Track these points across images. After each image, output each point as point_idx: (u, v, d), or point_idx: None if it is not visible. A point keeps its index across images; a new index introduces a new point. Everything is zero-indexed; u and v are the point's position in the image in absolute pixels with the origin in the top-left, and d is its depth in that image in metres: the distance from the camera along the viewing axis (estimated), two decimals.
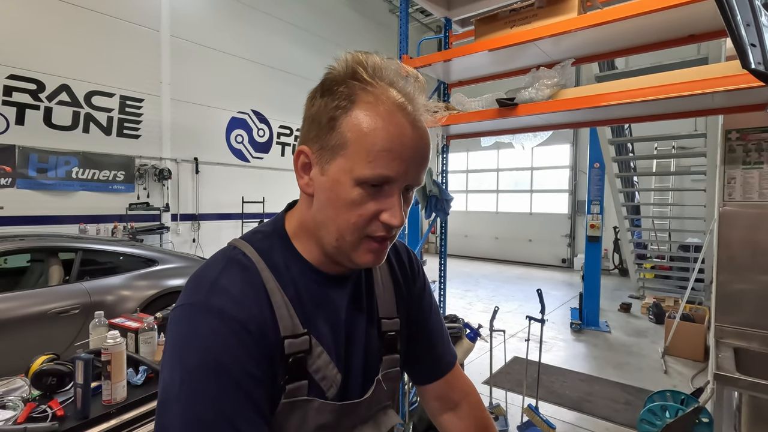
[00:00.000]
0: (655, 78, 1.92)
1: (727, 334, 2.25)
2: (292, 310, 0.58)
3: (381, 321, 0.69)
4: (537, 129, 2.77)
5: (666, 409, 2.24)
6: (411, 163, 0.55)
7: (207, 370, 0.49)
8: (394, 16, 11.73)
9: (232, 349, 0.51)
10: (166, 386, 0.51)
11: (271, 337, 0.55)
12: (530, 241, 11.15)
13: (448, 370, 0.80)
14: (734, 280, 2.30)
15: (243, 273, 0.57)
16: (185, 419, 0.48)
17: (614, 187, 5.87)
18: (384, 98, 0.55)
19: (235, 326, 0.52)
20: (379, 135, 0.53)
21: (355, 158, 0.53)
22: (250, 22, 8.15)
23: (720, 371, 1.83)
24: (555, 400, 3.33)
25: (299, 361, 0.57)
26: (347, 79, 0.57)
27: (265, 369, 0.54)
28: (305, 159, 0.59)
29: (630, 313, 6.09)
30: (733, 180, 2.26)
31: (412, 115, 0.55)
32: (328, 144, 0.55)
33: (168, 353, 0.52)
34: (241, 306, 0.53)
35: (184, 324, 0.52)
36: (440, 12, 2.99)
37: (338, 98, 0.55)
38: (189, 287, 0.56)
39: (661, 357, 4.24)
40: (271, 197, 8.45)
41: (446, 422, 0.80)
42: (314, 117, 0.58)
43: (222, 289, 0.54)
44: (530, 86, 2.32)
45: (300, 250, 0.62)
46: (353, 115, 0.54)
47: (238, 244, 0.61)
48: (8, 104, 5.42)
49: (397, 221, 0.55)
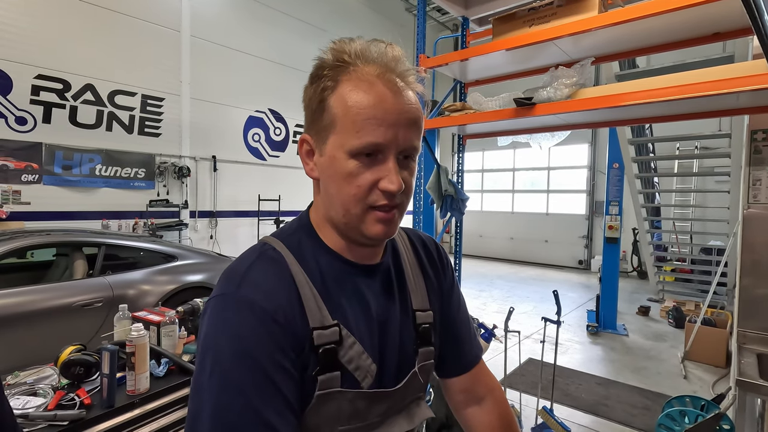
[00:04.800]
0: (677, 77, 1.89)
1: (751, 340, 2.20)
2: (321, 302, 0.59)
3: (416, 313, 0.70)
4: (555, 129, 2.74)
5: (685, 415, 2.20)
6: (398, 127, 0.56)
7: (236, 360, 0.51)
8: (411, 15, 11.71)
9: (261, 339, 0.53)
10: (198, 374, 0.53)
11: (299, 328, 0.56)
12: (546, 242, 11.01)
13: (475, 364, 0.81)
14: (758, 285, 2.24)
15: (273, 267, 0.59)
16: (214, 407, 0.50)
17: (633, 188, 5.76)
18: (364, 73, 0.57)
19: (265, 317, 0.54)
20: (361, 105, 0.55)
21: (345, 132, 0.56)
22: (268, 22, 8.24)
23: (742, 377, 1.79)
24: (570, 402, 3.30)
25: (330, 351, 0.58)
26: (332, 61, 0.58)
27: (294, 360, 0.55)
28: (308, 146, 0.62)
29: (649, 316, 5.97)
30: (759, 182, 2.20)
31: (392, 82, 0.57)
32: (322, 125, 0.58)
33: (201, 342, 0.55)
34: (271, 298, 0.55)
35: (216, 314, 0.55)
36: (458, 11, 2.98)
37: (324, 81, 0.58)
38: (222, 280, 0.59)
39: (681, 362, 4.15)
40: (287, 195, 8.54)
41: (470, 416, 0.81)
42: (308, 104, 0.61)
43: (252, 282, 0.56)
44: (549, 85, 2.30)
45: (325, 241, 0.64)
46: (338, 93, 0.57)
47: (269, 240, 0.64)
48: (36, 103, 5.60)
49: (395, 186, 0.56)
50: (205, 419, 0.50)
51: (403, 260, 0.73)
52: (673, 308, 5.59)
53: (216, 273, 4.14)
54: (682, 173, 7.41)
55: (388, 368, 0.65)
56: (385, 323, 0.66)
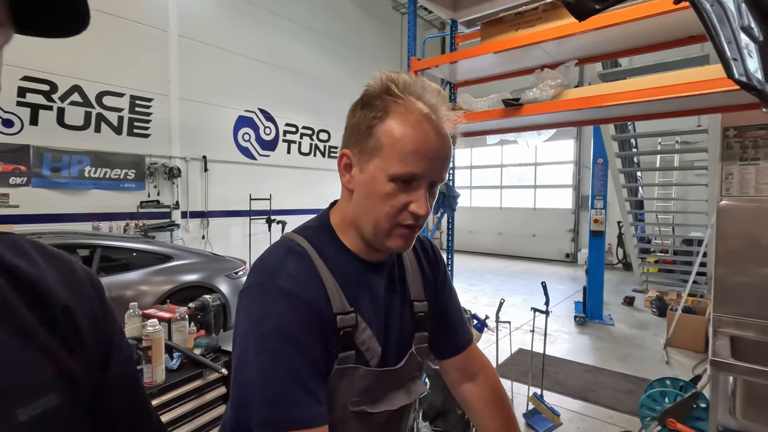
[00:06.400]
0: (656, 79, 2.01)
1: (725, 324, 2.35)
2: (341, 291, 0.69)
3: (413, 303, 0.81)
4: (541, 127, 2.86)
5: (665, 395, 2.34)
6: (435, 162, 0.67)
7: (279, 337, 0.61)
8: (398, 13, 11.79)
9: (298, 321, 0.63)
10: (243, 349, 0.62)
11: (326, 313, 0.66)
12: (534, 237, 11.23)
13: (467, 345, 0.92)
14: (732, 273, 2.39)
15: (301, 261, 0.68)
16: (263, 377, 0.60)
17: (617, 183, 5.95)
18: (413, 109, 0.66)
19: (300, 304, 0.63)
20: (408, 140, 0.65)
21: (389, 159, 0.65)
22: (256, 22, 8.23)
23: (716, 357, 1.93)
24: (559, 389, 3.44)
25: (348, 334, 0.68)
26: (382, 94, 0.68)
27: (322, 339, 0.65)
28: (347, 160, 0.71)
29: (633, 306, 6.18)
30: (731, 176, 2.34)
31: (435, 123, 0.67)
32: (367, 147, 0.67)
33: (243, 324, 0.64)
34: (303, 287, 0.65)
35: (258, 302, 0.64)
36: (447, 14, 3.08)
37: (375, 110, 0.67)
38: (255, 271, 0.68)
39: (663, 348, 4.34)
40: (278, 194, 8.57)
41: (466, 391, 0.92)
42: (355, 125, 0.69)
43: (287, 274, 0.65)
44: (535, 86, 2.41)
45: (344, 241, 0.74)
46: (387, 124, 0.66)
47: (294, 237, 0.73)
48: (22, 105, 5.55)
49: (423, 211, 0.67)
50: (255, 388, 0.60)
51: (404, 258, 0.84)
52: (656, 298, 5.81)
53: (211, 272, 4.20)
54: (663, 167, 7.64)
55: (390, 350, 0.75)
56: (388, 312, 0.76)
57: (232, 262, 4.58)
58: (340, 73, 10.06)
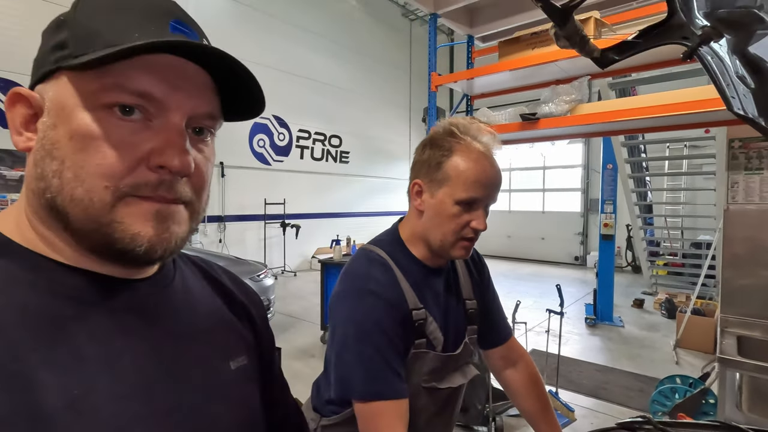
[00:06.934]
0: (665, 96, 2.17)
1: (732, 324, 2.49)
2: (413, 292, 0.87)
3: (465, 301, 0.99)
4: (555, 138, 3.02)
5: (675, 392, 2.48)
6: (491, 188, 0.85)
7: (372, 329, 0.79)
8: (407, 20, 11.99)
9: (385, 316, 0.81)
10: (343, 339, 0.81)
11: (404, 309, 0.84)
12: (543, 239, 11.34)
13: (509, 337, 1.09)
14: (738, 276, 2.53)
15: (383, 268, 0.86)
16: (361, 357, 0.78)
17: (626, 187, 6.07)
18: (472, 148, 0.85)
19: (386, 302, 0.82)
20: (471, 172, 0.83)
21: (455, 187, 0.83)
22: (270, 31, 8.47)
23: (723, 355, 2.08)
24: (573, 388, 3.58)
25: (420, 325, 0.86)
26: (446, 136, 0.87)
27: (402, 330, 0.83)
28: (419, 188, 0.89)
29: (643, 308, 6.28)
30: (736, 184, 2.49)
31: (491, 159, 0.86)
32: (436, 178, 0.85)
33: (341, 319, 0.83)
34: (387, 289, 0.83)
35: (352, 301, 0.83)
36: (464, 30, 3.25)
37: (442, 149, 0.86)
38: (347, 278, 0.87)
39: (673, 349, 4.46)
40: (292, 199, 8.78)
41: (508, 375, 1.09)
42: (425, 161, 0.88)
43: (374, 279, 0.84)
44: (550, 101, 2.57)
45: (413, 251, 0.92)
46: (453, 160, 0.84)
47: (373, 249, 0.91)
48: None
49: (482, 227, 0.85)
50: (356, 368, 0.79)
51: (457, 264, 1.02)
52: (665, 300, 5.91)
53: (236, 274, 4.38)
54: (671, 173, 7.74)
55: (449, 339, 0.93)
56: (447, 308, 0.94)
57: (253, 265, 4.77)
58: (351, 80, 10.28)
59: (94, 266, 0.43)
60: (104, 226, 0.40)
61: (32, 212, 0.43)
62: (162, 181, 0.41)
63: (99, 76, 0.39)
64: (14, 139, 0.42)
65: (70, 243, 0.42)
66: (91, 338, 0.40)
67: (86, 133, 0.39)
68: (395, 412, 0.78)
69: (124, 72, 0.39)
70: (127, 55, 0.37)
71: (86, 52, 0.38)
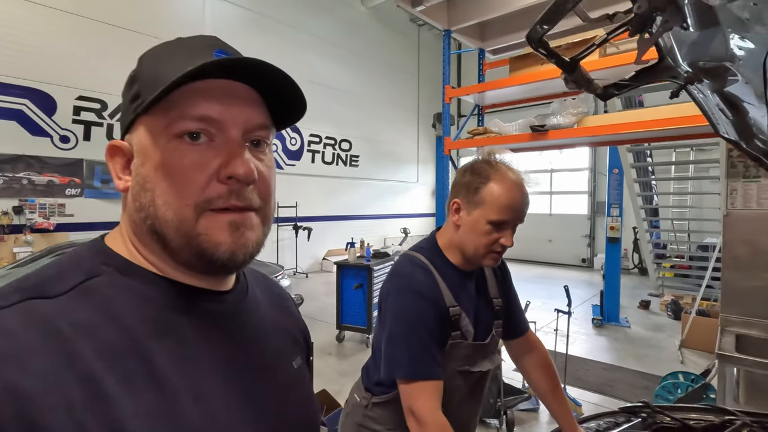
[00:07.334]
0: (668, 110, 2.33)
1: (732, 323, 2.63)
2: (449, 292, 1.05)
3: (492, 300, 1.17)
4: (562, 147, 3.19)
5: (678, 387, 2.63)
6: (519, 212, 1.03)
7: (416, 322, 0.98)
8: (415, 25, 12.18)
9: (427, 312, 0.99)
10: (393, 330, 0.99)
11: (442, 306, 1.02)
12: (550, 242, 11.44)
13: (527, 330, 1.28)
14: (738, 277, 2.68)
15: (424, 272, 1.05)
16: (408, 345, 0.97)
17: (632, 191, 6.19)
18: (506, 177, 1.02)
19: (428, 300, 1.00)
20: (503, 198, 1.00)
21: (489, 209, 1.01)
22: (282, 38, 8.69)
23: (721, 351, 2.23)
24: (580, 385, 3.73)
25: (456, 320, 1.04)
26: (485, 165, 1.05)
27: (441, 323, 1.02)
28: (457, 206, 1.07)
29: (649, 309, 6.39)
30: (735, 191, 2.64)
31: (521, 187, 1.03)
32: (473, 200, 1.03)
33: (391, 314, 1.01)
34: (429, 289, 1.02)
35: (401, 298, 1.01)
36: (475, 44, 3.43)
37: (480, 176, 1.04)
38: (394, 279, 1.05)
39: (678, 349, 4.58)
40: (304, 202, 8.98)
41: (525, 362, 1.28)
42: (465, 184, 1.06)
43: (418, 281, 1.02)
44: (558, 113, 2.75)
45: (449, 258, 1.10)
46: (489, 186, 1.02)
47: (416, 255, 1.09)
48: (77, 122, 6.06)
49: (509, 243, 1.03)
50: (403, 354, 0.97)
51: (484, 267, 1.19)
52: (671, 302, 6.02)
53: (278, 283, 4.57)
54: (678, 177, 7.83)
55: (479, 332, 1.11)
56: (477, 306, 1.13)
57: (271, 266, 4.96)
58: (360, 85, 10.49)
59: (192, 280, 0.50)
60: (192, 239, 0.46)
61: (136, 238, 0.50)
62: (232, 191, 0.47)
63: (165, 112, 0.46)
64: (116, 183, 0.50)
65: (170, 261, 0.49)
66: (201, 342, 0.48)
67: (165, 164, 0.46)
68: (433, 390, 0.96)
69: (184, 103, 0.45)
70: (181, 83, 0.43)
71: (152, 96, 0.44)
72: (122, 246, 0.50)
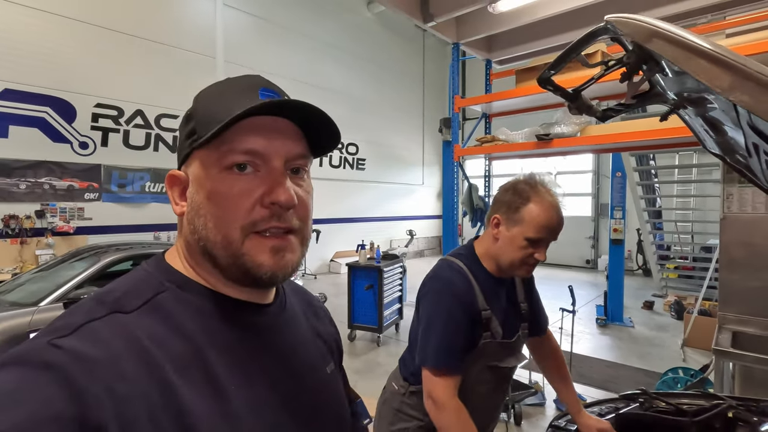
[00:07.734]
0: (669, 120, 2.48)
1: (729, 321, 2.77)
2: (482, 296, 1.20)
3: (519, 304, 1.33)
4: (566, 154, 3.34)
5: (678, 381, 2.77)
6: (554, 232, 1.16)
7: (448, 320, 1.13)
8: (420, 30, 12.31)
9: (461, 311, 1.15)
10: (427, 326, 1.15)
11: (476, 308, 1.18)
12: (554, 243, 11.51)
13: (546, 329, 1.44)
14: (735, 277, 2.81)
15: (461, 277, 1.20)
16: (439, 340, 1.13)
17: (635, 194, 6.31)
18: (545, 199, 1.15)
19: (463, 302, 1.16)
20: (541, 218, 1.13)
21: (527, 228, 1.14)
22: (291, 45, 8.89)
23: (718, 347, 2.37)
24: (585, 381, 3.87)
25: (487, 321, 1.20)
26: (525, 186, 1.18)
27: (473, 324, 1.17)
28: (497, 221, 1.21)
29: (653, 310, 6.50)
30: (731, 195, 2.78)
31: (558, 210, 1.16)
32: (513, 218, 1.17)
33: (428, 312, 1.17)
34: (465, 292, 1.17)
35: (438, 298, 1.17)
36: (483, 55, 3.59)
37: (521, 197, 1.17)
38: (433, 281, 1.21)
39: (681, 348, 4.71)
40: (315, 205, 9.08)
41: (539, 351, 1.44)
42: (507, 202, 1.19)
43: (454, 284, 1.18)
44: (562, 122, 2.90)
45: (485, 265, 1.25)
46: (529, 206, 1.15)
47: (454, 260, 1.24)
48: (95, 129, 6.27)
49: (543, 258, 1.17)
50: (433, 344, 1.13)
51: None
52: (674, 302, 6.14)
53: None
54: (680, 180, 7.93)
55: (507, 332, 1.25)
56: (507, 309, 1.27)
57: None
58: (366, 89, 10.67)
59: (238, 294, 0.55)
60: (238, 258, 0.51)
61: (191, 256, 0.55)
62: (273, 214, 0.51)
63: (217, 147, 0.51)
64: (173, 208, 0.55)
65: (220, 277, 0.54)
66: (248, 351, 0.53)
67: (217, 192, 0.51)
68: (452, 381, 1.12)
69: (233, 138, 0.50)
70: (232, 124, 0.48)
71: (207, 133, 0.50)
72: (180, 263, 0.55)
